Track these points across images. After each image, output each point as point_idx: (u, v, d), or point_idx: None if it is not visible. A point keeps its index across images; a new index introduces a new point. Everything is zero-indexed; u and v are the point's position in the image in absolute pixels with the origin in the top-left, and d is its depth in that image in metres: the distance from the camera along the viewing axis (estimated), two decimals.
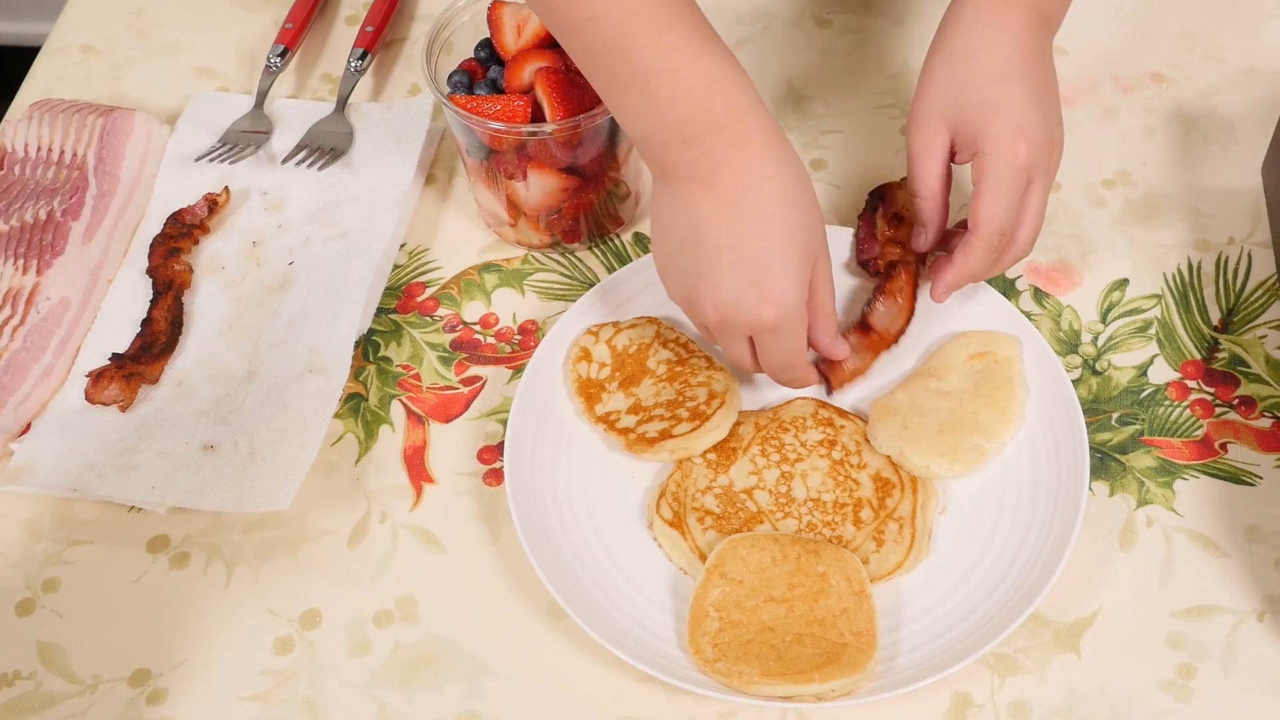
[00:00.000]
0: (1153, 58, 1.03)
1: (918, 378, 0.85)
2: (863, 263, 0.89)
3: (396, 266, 0.94)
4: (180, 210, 0.95)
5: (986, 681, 0.75)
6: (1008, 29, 0.80)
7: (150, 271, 0.92)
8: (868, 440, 0.83)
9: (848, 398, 0.86)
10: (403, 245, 0.95)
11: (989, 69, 0.79)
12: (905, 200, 0.89)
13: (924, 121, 0.81)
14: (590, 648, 0.76)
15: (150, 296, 0.91)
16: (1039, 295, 0.91)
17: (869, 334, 0.85)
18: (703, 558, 0.78)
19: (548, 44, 0.87)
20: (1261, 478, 0.82)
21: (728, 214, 0.72)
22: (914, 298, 0.86)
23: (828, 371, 0.84)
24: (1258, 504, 0.81)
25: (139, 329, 0.90)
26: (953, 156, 0.82)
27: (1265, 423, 0.84)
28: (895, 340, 0.86)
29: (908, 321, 0.85)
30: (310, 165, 0.97)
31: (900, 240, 0.88)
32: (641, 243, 0.96)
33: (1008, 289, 0.91)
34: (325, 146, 0.99)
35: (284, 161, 0.98)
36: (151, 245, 0.93)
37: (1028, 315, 0.88)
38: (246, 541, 0.82)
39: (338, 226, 0.94)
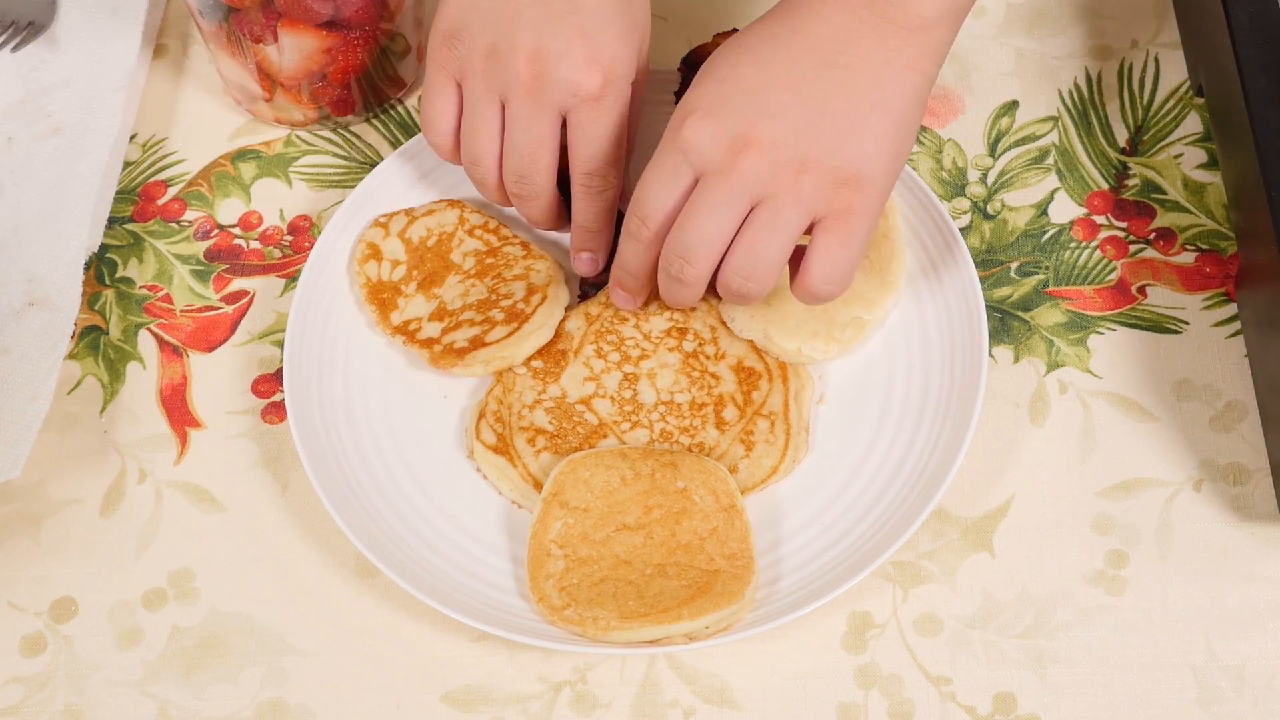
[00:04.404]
0: None
1: None
2: None
3: (128, 164, 0.93)
4: None
5: (888, 596, 0.76)
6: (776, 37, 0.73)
7: None
8: (724, 324, 0.82)
9: None
10: (133, 137, 0.94)
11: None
12: None
13: None
14: (412, 608, 0.76)
15: None
16: None
17: None
18: (538, 486, 0.78)
19: None
20: (1188, 323, 0.83)
21: None
22: None
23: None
24: (1185, 355, 0.82)
25: None
26: None
27: (1188, 257, 0.85)
28: None
29: None
30: (3, 46, 0.96)
31: None
32: None
33: None
34: (20, 20, 0.97)
35: None
36: None
37: None
38: None
39: (47, 121, 0.93)
